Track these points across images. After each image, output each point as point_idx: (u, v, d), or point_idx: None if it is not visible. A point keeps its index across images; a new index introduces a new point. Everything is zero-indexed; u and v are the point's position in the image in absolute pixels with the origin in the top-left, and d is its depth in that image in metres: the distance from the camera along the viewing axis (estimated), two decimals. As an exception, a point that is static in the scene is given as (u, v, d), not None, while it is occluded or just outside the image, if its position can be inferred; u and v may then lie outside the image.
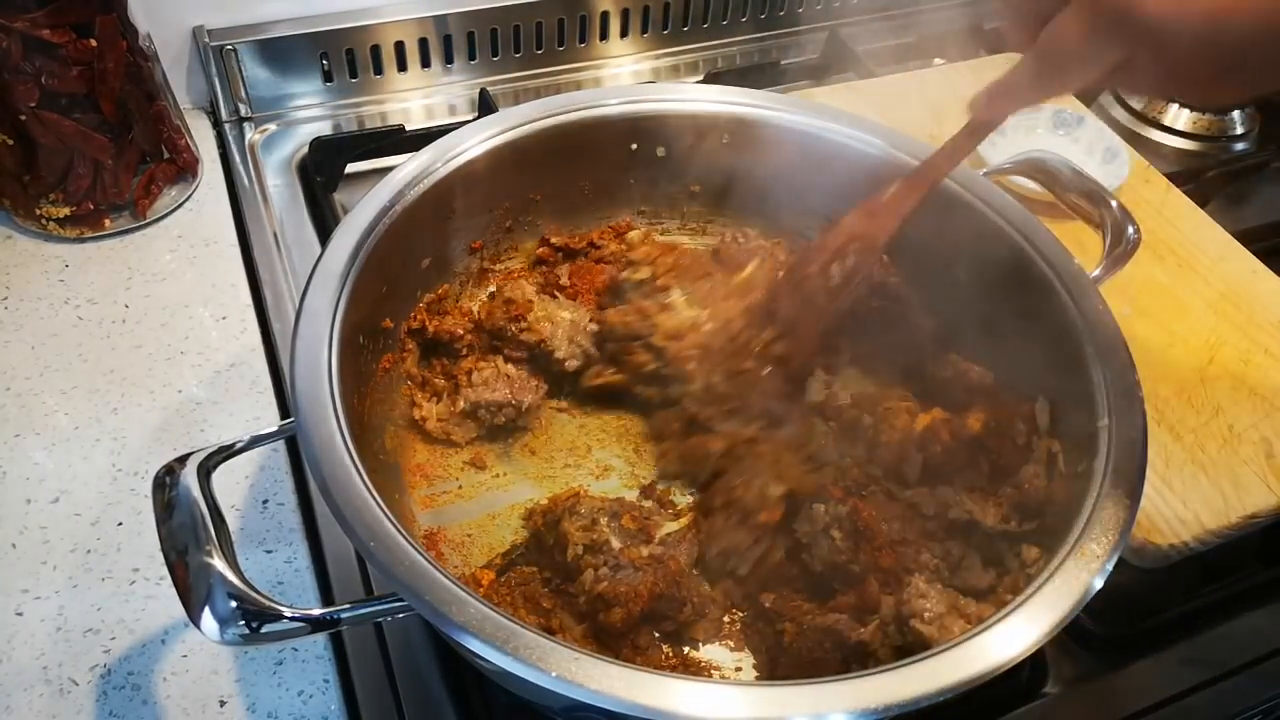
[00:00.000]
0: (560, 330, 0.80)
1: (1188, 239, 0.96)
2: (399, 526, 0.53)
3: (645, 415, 0.80)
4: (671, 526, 0.70)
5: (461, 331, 0.80)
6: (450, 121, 1.12)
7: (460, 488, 0.76)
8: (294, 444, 0.79)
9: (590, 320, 0.81)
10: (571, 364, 0.80)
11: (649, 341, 0.78)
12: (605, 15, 1.18)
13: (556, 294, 0.85)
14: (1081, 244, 0.77)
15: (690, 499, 0.75)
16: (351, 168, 1.05)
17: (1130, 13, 0.49)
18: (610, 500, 0.71)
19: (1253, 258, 0.95)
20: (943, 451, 0.72)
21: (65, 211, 0.92)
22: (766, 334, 0.75)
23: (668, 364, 0.77)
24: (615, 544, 0.66)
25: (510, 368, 0.79)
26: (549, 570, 0.68)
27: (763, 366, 0.74)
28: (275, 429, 0.64)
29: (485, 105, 1.08)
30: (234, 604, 0.51)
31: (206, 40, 1.04)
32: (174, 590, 0.52)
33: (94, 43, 0.85)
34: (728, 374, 0.75)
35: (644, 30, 1.21)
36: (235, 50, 1.04)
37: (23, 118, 0.86)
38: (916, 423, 0.74)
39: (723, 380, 0.74)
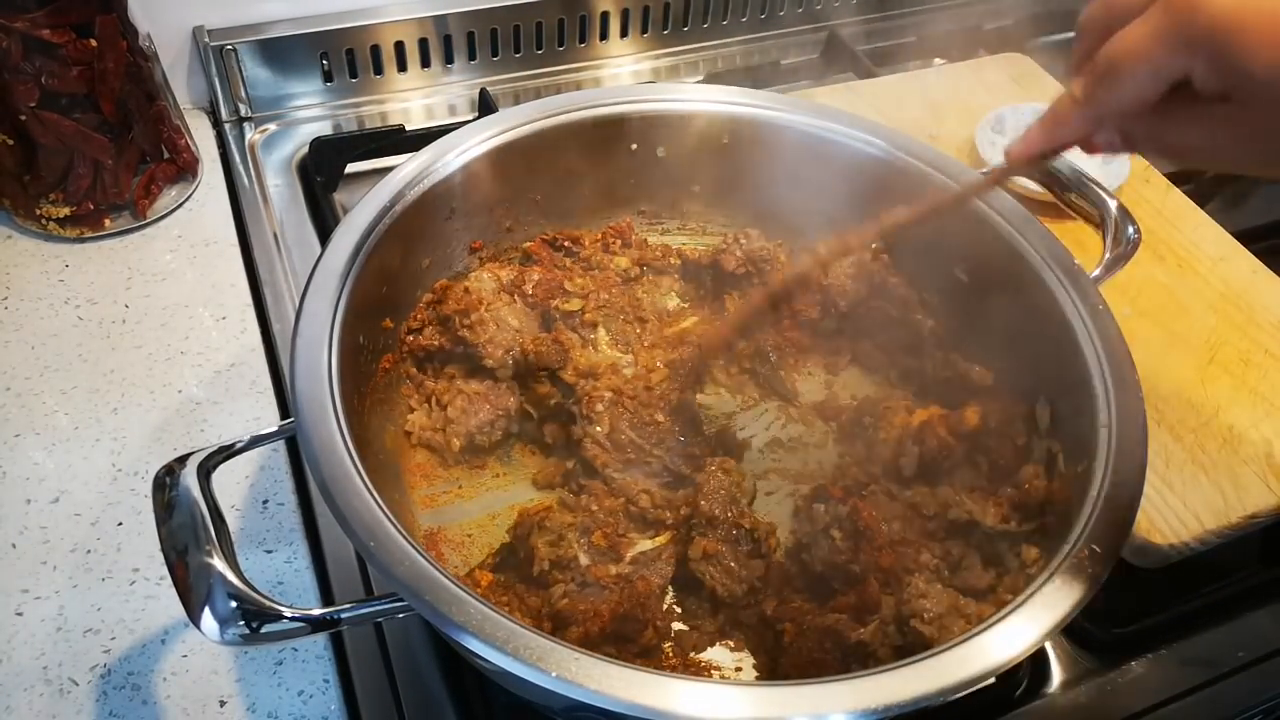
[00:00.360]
0: (500, 336, 0.77)
1: (1188, 239, 0.96)
2: (399, 526, 0.53)
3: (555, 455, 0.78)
4: (646, 545, 0.69)
5: (437, 344, 0.79)
6: (450, 121, 1.12)
7: (460, 488, 0.76)
8: (294, 444, 0.79)
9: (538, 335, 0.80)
10: (502, 373, 0.78)
11: (558, 374, 0.77)
12: (605, 15, 1.18)
13: (516, 298, 0.82)
14: (1081, 244, 0.77)
15: (669, 515, 0.72)
16: (351, 168, 1.05)
17: (1196, 9, 0.43)
18: (583, 515, 0.69)
19: (1253, 258, 0.95)
20: (939, 446, 0.72)
21: (65, 211, 0.92)
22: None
23: (575, 401, 0.75)
24: (583, 561, 0.65)
25: (475, 384, 0.78)
26: (522, 581, 0.67)
27: (675, 421, 0.73)
28: (275, 429, 0.64)
29: (485, 105, 1.08)
30: (234, 604, 0.51)
31: (206, 40, 1.04)
32: (174, 590, 0.52)
33: (94, 43, 0.85)
34: (636, 423, 0.73)
35: (644, 30, 1.21)
36: (235, 50, 1.04)
37: (23, 118, 0.86)
38: (913, 418, 0.75)
39: (629, 428, 0.73)
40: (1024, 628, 0.52)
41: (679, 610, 0.69)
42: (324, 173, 1.03)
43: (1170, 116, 0.48)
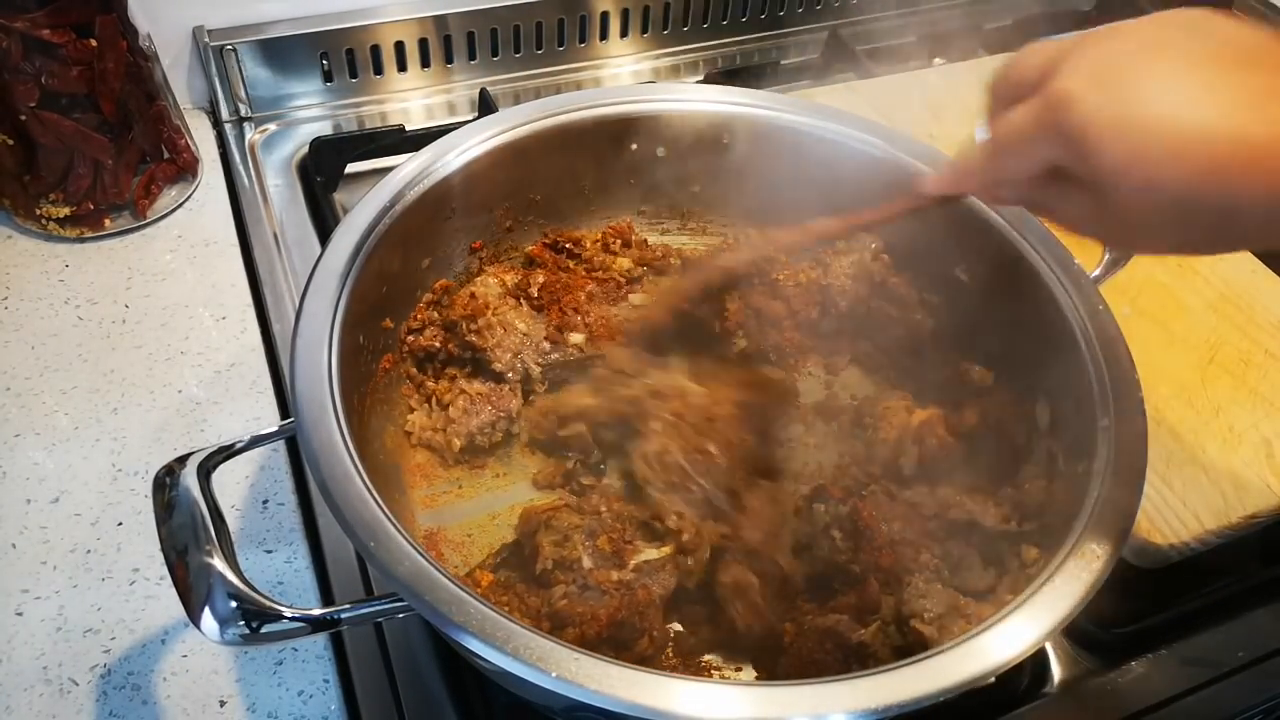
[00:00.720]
0: (508, 340, 0.78)
1: (1188, 239, 0.96)
2: (399, 526, 0.53)
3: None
4: (651, 554, 0.68)
5: (438, 345, 0.79)
6: (450, 121, 1.12)
7: (460, 488, 0.76)
8: (294, 444, 0.79)
9: (545, 338, 0.80)
10: (511, 378, 0.78)
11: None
12: (605, 15, 1.18)
13: (522, 301, 0.82)
14: (1081, 244, 0.77)
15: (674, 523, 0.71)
16: (351, 168, 1.05)
17: (1066, 108, 0.48)
18: (590, 518, 0.69)
19: (1253, 258, 0.94)
20: (940, 446, 0.72)
21: (65, 211, 0.92)
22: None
23: (637, 413, 0.74)
24: (587, 564, 0.65)
25: (478, 385, 0.78)
26: (524, 579, 0.67)
27: (724, 457, 0.72)
28: (275, 429, 0.64)
29: (485, 105, 1.08)
30: (234, 604, 0.51)
31: (206, 40, 1.04)
32: (174, 590, 0.52)
33: (94, 43, 0.85)
34: (687, 449, 0.72)
35: (644, 30, 1.21)
36: (235, 50, 1.04)
37: (23, 118, 0.86)
38: (913, 418, 0.75)
39: (680, 453, 0.72)
40: (1024, 628, 0.52)
41: (678, 620, 0.68)
42: (324, 173, 1.03)
43: (1056, 189, 0.52)
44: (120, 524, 0.73)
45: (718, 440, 0.72)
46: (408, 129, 1.06)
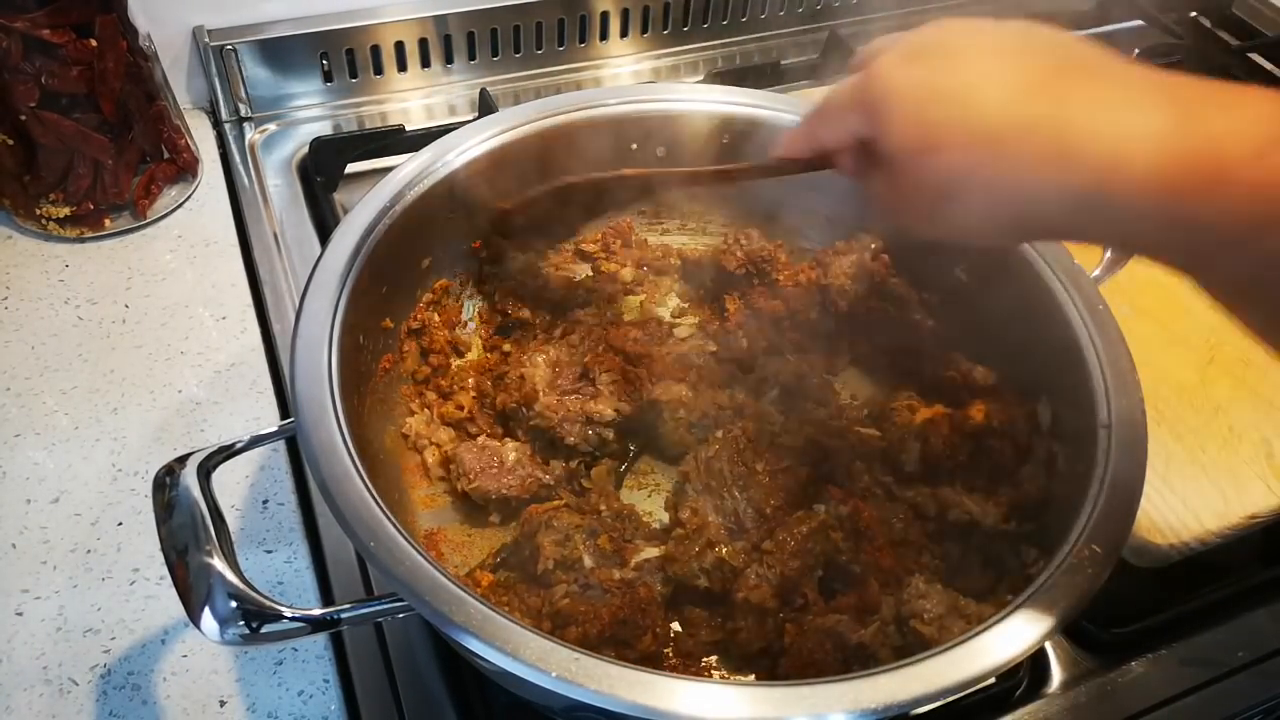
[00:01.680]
0: (574, 414, 0.75)
1: (1188, 239, 0.96)
2: (399, 526, 0.53)
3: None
4: (651, 553, 0.68)
5: (471, 414, 0.78)
6: (450, 121, 1.12)
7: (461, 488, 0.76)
8: (294, 444, 0.79)
9: (593, 399, 0.76)
10: (584, 448, 0.76)
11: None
12: (605, 15, 1.18)
13: (566, 372, 0.78)
14: (1082, 245, 0.77)
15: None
16: (351, 168, 1.04)
17: (873, 79, 0.51)
18: (590, 517, 0.69)
19: (1253, 257, 0.94)
20: (943, 444, 0.72)
21: (65, 211, 0.92)
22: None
23: (715, 421, 0.76)
24: (588, 563, 0.65)
25: (512, 448, 0.74)
26: (524, 579, 0.67)
27: (769, 479, 0.72)
28: (275, 429, 0.64)
29: (485, 105, 1.08)
30: (234, 604, 0.51)
31: (206, 40, 1.04)
32: (174, 590, 0.52)
33: (94, 43, 0.85)
34: (735, 463, 0.72)
35: (644, 30, 1.21)
36: (235, 50, 1.04)
37: (23, 118, 0.86)
38: (917, 416, 0.74)
39: (727, 463, 0.72)
40: (1024, 628, 0.52)
41: (677, 621, 0.68)
42: (324, 173, 1.03)
43: (869, 164, 0.55)
44: (120, 524, 0.73)
45: (772, 462, 0.72)
46: (408, 129, 1.06)
